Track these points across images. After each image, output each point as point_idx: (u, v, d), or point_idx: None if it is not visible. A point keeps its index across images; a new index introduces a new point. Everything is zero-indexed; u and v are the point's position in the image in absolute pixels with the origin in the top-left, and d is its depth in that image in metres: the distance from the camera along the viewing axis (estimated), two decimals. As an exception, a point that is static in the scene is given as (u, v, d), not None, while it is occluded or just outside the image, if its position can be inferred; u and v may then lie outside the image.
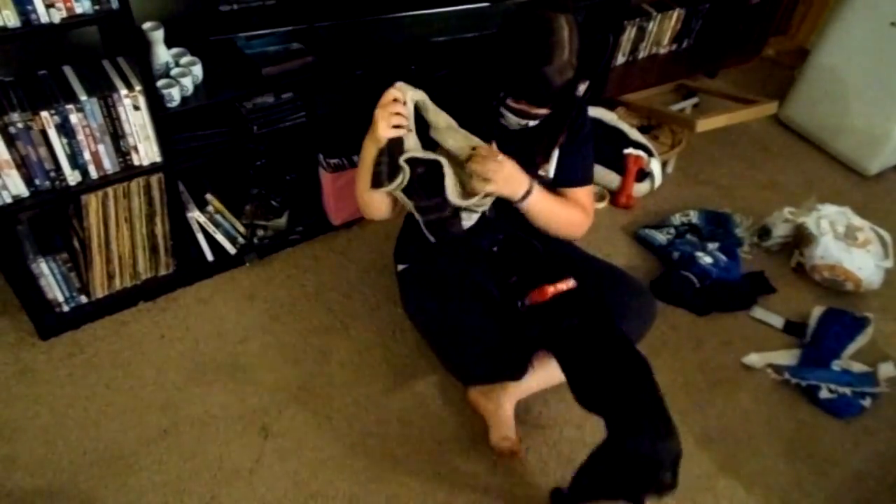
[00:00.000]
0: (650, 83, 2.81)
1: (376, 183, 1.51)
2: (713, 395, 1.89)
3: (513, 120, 1.52)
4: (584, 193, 1.70)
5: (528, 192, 1.54)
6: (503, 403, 1.70)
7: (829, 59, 2.66)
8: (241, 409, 1.74)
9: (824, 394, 1.87)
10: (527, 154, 1.59)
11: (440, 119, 1.51)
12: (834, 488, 1.72)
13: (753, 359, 1.97)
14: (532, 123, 1.53)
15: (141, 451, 1.65)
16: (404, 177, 1.48)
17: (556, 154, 1.63)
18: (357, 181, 1.60)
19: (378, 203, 1.61)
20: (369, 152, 1.51)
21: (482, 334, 1.62)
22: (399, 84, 1.47)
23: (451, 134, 1.51)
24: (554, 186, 1.66)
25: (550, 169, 1.64)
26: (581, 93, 2.53)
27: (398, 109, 1.45)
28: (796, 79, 2.82)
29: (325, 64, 1.90)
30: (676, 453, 1.32)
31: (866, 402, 1.87)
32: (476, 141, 1.51)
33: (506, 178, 1.49)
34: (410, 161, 1.47)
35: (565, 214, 1.66)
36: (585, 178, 1.71)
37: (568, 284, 1.47)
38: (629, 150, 2.40)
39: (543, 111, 1.50)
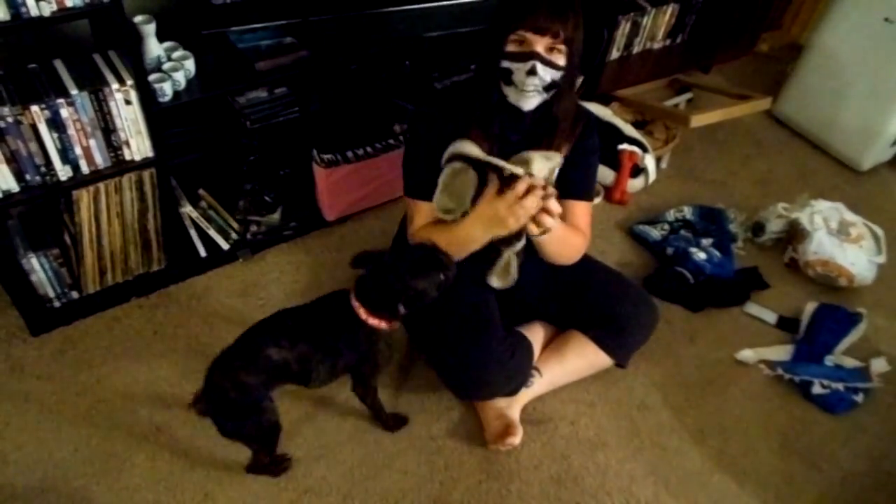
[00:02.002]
0: (644, 78, 2.81)
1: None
2: (706, 391, 1.89)
3: (520, 79, 1.35)
4: (582, 210, 1.60)
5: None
6: (510, 410, 1.70)
7: (823, 54, 2.66)
8: (235, 406, 1.73)
9: (817, 389, 1.88)
10: (535, 146, 1.48)
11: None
12: (826, 483, 1.72)
13: (747, 354, 1.97)
14: (548, 77, 1.36)
15: (133, 447, 1.64)
16: None
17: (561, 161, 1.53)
18: (446, 244, 1.43)
19: None
20: (479, 241, 1.43)
21: (477, 354, 1.59)
22: (520, 171, 1.33)
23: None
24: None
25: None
26: (577, 85, 2.54)
27: (542, 204, 1.32)
28: (789, 74, 2.83)
29: (319, 58, 1.89)
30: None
31: (859, 398, 1.88)
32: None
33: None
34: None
35: (572, 241, 1.57)
36: (586, 192, 1.62)
37: (382, 323, 1.42)
38: (623, 146, 2.40)
39: (556, 49, 1.34)
